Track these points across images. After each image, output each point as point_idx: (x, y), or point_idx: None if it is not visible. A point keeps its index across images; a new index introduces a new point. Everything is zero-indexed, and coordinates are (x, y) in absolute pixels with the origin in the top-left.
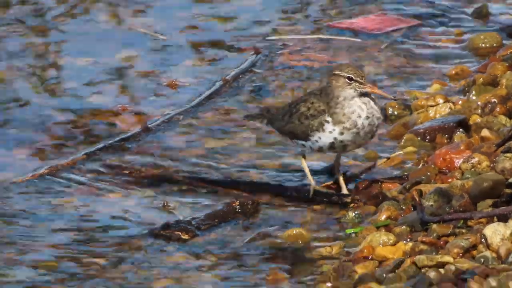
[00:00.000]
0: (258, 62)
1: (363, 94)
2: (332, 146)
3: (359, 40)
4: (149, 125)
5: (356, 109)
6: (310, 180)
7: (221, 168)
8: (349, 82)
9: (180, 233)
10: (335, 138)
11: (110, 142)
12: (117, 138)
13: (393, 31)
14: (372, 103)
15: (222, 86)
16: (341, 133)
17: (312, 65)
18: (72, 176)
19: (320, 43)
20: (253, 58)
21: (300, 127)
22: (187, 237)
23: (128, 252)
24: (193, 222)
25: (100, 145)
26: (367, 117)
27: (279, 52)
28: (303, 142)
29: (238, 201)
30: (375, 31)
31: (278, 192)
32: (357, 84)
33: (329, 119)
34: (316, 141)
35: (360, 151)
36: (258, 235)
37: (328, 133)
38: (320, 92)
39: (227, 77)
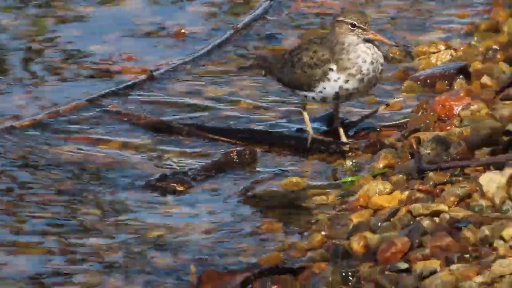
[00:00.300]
0: (271, 9)
1: (366, 40)
2: (336, 96)
3: None
4: (154, 74)
5: (361, 54)
6: (309, 129)
7: (220, 117)
8: (352, 28)
9: (175, 184)
10: (340, 87)
11: (113, 89)
12: (122, 86)
13: None
14: (375, 48)
15: (232, 35)
16: (346, 81)
17: (325, 12)
18: (71, 124)
19: None
20: (266, 5)
21: (303, 77)
22: (182, 188)
23: (123, 203)
24: (189, 173)
25: (103, 92)
26: (372, 62)
27: None
28: (306, 93)
29: (235, 151)
30: None
31: (276, 141)
32: (360, 30)
33: (333, 66)
34: (320, 91)
35: None
36: (254, 184)
37: (333, 82)
38: (321, 40)
39: (238, 25)
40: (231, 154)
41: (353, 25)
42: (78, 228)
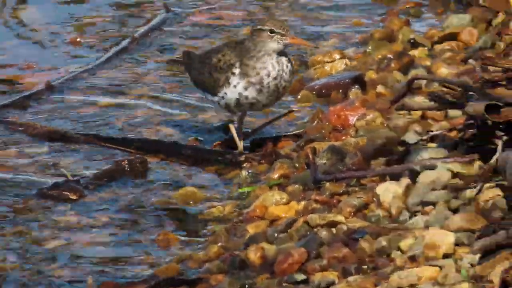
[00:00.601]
0: (168, 20)
1: (285, 46)
2: (238, 103)
3: None
4: (53, 83)
5: (268, 67)
6: (238, 143)
7: (115, 126)
8: (271, 34)
9: (68, 193)
10: (239, 94)
11: (12, 100)
12: (19, 96)
13: None
14: (285, 64)
15: (130, 44)
16: (246, 88)
17: (223, 24)
18: None
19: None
20: (163, 16)
21: (209, 80)
22: (75, 197)
23: (19, 213)
24: (81, 181)
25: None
26: (275, 78)
27: (191, 10)
28: (212, 97)
29: (126, 160)
30: None
31: (172, 151)
32: (279, 36)
33: (236, 71)
34: (223, 97)
35: None
36: (149, 194)
37: (233, 88)
38: (236, 45)
39: (135, 34)
40: (122, 163)
41: (272, 31)
42: None
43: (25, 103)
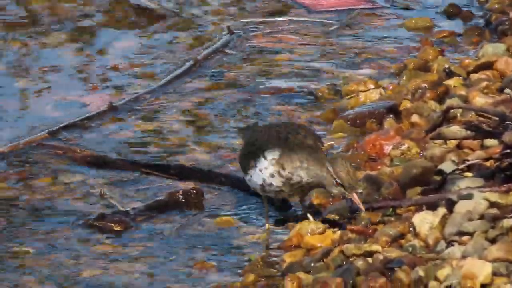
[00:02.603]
0: (231, 43)
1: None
2: (263, 189)
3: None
4: (114, 104)
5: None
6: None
7: (154, 152)
8: (336, 185)
9: (113, 224)
10: (263, 180)
11: (74, 120)
12: (82, 117)
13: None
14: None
15: (192, 66)
16: (272, 175)
17: (281, 46)
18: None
19: (292, 24)
20: (226, 38)
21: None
22: (119, 229)
23: (57, 241)
24: (130, 213)
25: (63, 124)
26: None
27: (251, 33)
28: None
29: (181, 191)
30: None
31: (207, 178)
32: (343, 190)
33: (271, 156)
34: (249, 179)
35: None
36: (187, 223)
37: (259, 171)
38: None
39: (198, 57)
40: (177, 194)
41: (338, 184)
42: (10, 265)
43: (87, 124)
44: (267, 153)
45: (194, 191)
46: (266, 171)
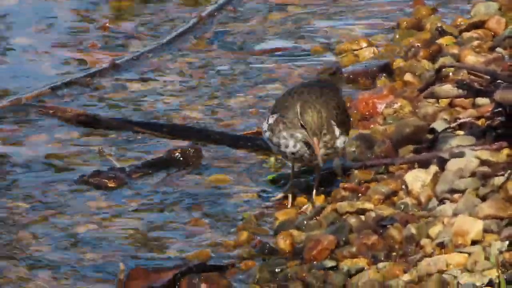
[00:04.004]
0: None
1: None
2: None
3: None
4: (117, 62)
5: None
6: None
7: (148, 111)
8: (301, 129)
9: (107, 180)
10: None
11: (76, 77)
12: (84, 74)
13: None
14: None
15: (196, 23)
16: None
17: (285, 2)
18: None
19: None
20: None
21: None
22: (114, 185)
23: (52, 197)
24: (126, 170)
25: (65, 80)
26: (293, 154)
27: None
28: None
29: (179, 149)
30: None
31: (202, 136)
32: (306, 133)
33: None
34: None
35: None
36: (181, 180)
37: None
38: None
39: (202, 14)
40: (175, 152)
41: (303, 127)
42: (5, 222)
43: (89, 81)
44: (269, 117)
45: (193, 150)
46: (265, 134)
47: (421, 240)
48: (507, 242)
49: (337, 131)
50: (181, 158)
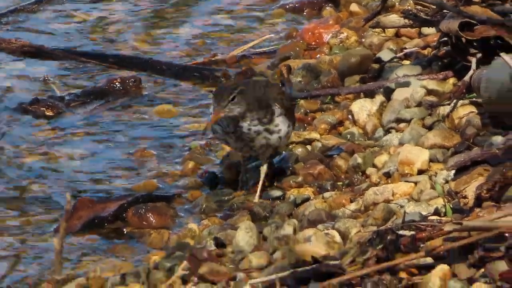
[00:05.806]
0: None
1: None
2: None
3: None
4: None
5: None
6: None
7: (91, 43)
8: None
9: (45, 109)
10: None
11: (21, 4)
12: (30, 1)
13: None
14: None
15: None
16: None
17: None
18: None
19: None
20: None
21: None
22: (51, 113)
23: None
24: (66, 98)
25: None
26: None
27: None
28: None
29: (119, 78)
30: None
31: (147, 66)
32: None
33: None
34: None
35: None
36: (124, 111)
37: None
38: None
39: None
40: (114, 81)
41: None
42: None
43: (34, 8)
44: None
45: (133, 79)
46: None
47: (367, 169)
48: (453, 171)
49: (277, 111)
50: (121, 88)
